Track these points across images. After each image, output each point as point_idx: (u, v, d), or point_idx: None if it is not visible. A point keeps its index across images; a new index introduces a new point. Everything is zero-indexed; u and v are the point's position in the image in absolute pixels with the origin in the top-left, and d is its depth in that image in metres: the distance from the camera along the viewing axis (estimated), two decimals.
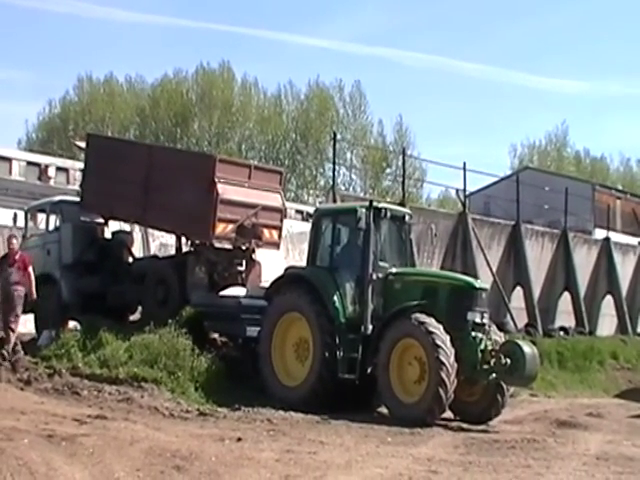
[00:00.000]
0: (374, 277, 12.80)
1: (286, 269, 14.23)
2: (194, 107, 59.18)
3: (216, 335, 14.91)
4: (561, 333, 22.83)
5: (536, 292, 23.16)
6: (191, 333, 13.78)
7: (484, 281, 15.32)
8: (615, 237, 29.52)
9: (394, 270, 13.21)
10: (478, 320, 12.38)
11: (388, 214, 13.37)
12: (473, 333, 12.30)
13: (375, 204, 13.29)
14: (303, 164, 58.97)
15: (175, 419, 11.13)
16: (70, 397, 12.07)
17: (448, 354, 11.68)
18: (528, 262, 23.01)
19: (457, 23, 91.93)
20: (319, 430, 10.86)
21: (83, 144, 19.32)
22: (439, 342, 11.70)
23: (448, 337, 11.81)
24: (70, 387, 12.39)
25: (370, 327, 12.61)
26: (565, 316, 24.52)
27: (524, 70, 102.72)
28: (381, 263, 13.13)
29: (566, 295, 24.80)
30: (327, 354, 12.64)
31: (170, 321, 13.89)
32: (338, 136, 45.59)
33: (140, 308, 16.49)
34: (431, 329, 11.80)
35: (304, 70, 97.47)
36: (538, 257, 23.94)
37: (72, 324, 16.52)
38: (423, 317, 12.00)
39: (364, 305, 12.73)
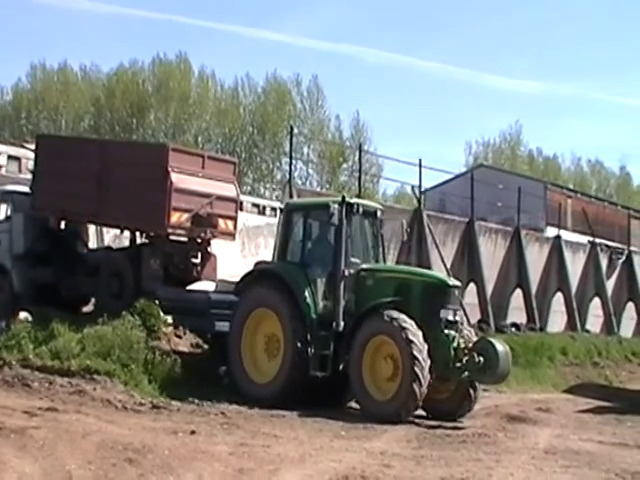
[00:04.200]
0: (346, 273, 12.69)
1: (256, 264, 14.15)
2: (150, 98, 58.52)
3: (170, 328, 14.79)
4: (513, 329, 23.14)
5: (489, 288, 23.44)
6: (145, 325, 13.68)
7: None
8: (566, 235, 30.01)
9: (366, 266, 13.11)
10: (451, 318, 12.34)
11: (360, 209, 13.25)
12: (446, 331, 12.25)
13: (347, 199, 13.16)
14: (260, 157, 58.74)
15: (128, 412, 11.05)
16: (20, 389, 11.89)
17: (421, 351, 11.62)
18: (481, 259, 23.28)
19: (415, 21, 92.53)
20: (273, 424, 10.87)
21: (32, 146, 18.99)
22: (412, 339, 11.63)
23: (421, 334, 11.76)
24: (20, 379, 12.20)
25: (342, 324, 12.51)
26: (517, 312, 24.86)
27: (480, 69, 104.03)
28: (353, 259, 13.03)
29: (518, 292, 25.14)
30: (298, 351, 12.51)
31: (124, 313, 13.78)
32: (295, 130, 45.61)
33: (94, 300, 16.31)
34: (404, 326, 11.74)
35: (262, 63, 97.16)
36: (491, 254, 24.23)
37: (23, 315, 16.25)
38: (396, 314, 11.93)
39: (336, 301, 12.62)
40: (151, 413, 11.11)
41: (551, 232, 32.65)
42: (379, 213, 13.81)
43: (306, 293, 12.77)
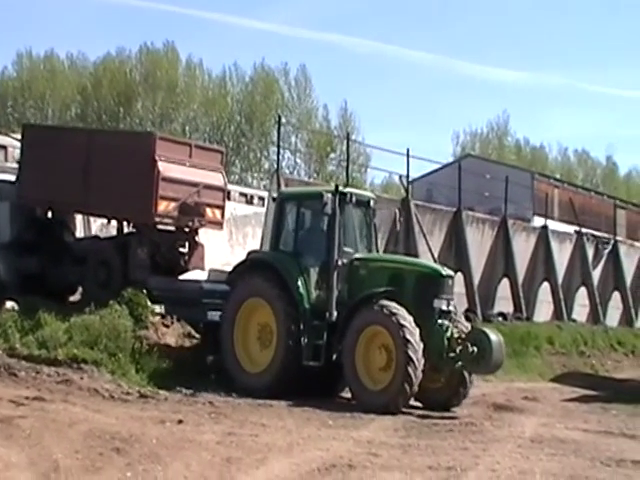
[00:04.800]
0: (339, 263, 12.64)
1: (248, 253, 14.11)
2: (137, 87, 58.26)
3: (158, 318, 14.76)
4: (500, 319, 23.18)
5: (476, 278, 23.48)
6: (132, 315, 13.66)
7: None
8: (553, 225, 30.07)
9: (359, 256, 13.07)
10: (444, 308, 12.30)
11: (353, 199, 13.19)
12: (440, 321, 12.21)
13: (341, 189, 13.09)
14: (247, 147, 58.63)
15: (115, 401, 11.03)
16: (7, 378, 11.81)
17: (415, 341, 11.58)
18: (469, 248, 23.29)
19: (403, 11, 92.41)
20: (261, 413, 10.88)
21: (18, 135, 18.85)
22: (406, 329, 11.58)
23: (415, 324, 11.69)
24: (7, 368, 12.11)
25: (335, 313, 12.46)
26: (504, 302, 24.91)
27: (467, 59, 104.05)
28: (346, 248, 12.97)
29: (505, 281, 25.20)
30: (291, 341, 12.46)
31: (111, 302, 13.74)
32: (283, 120, 45.36)
33: (81, 289, 16.26)
34: (398, 316, 11.69)
35: (249, 53, 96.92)
36: (478, 244, 24.26)
37: (10, 304, 16.19)
38: (390, 304, 11.88)
39: (329, 291, 12.57)
40: (138, 402, 11.10)
41: (538, 222, 32.78)
42: (372, 202, 13.73)
43: (299, 283, 12.71)
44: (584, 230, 29.81)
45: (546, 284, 26.75)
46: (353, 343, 12.07)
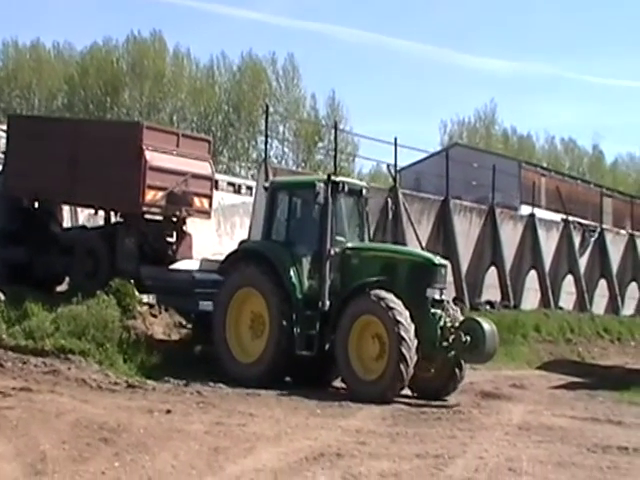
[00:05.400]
0: (332, 252, 12.58)
1: (240, 243, 14.05)
2: (125, 77, 57.87)
3: (145, 308, 14.72)
4: (487, 307, 23.25)
5: (464, 266, 23.53)
6: (120, 305, 13.62)
7: None
8: (540, 213, 30.14)
9: (351, 245, 13.02)
10: (437, 297, 12.29)
11: (346, 188, 13.11)
12: (432, 310, 12.20)
13: (333, 178, 13.02)
14: (235, 136, 58.40)
15: (103, 391, 11.01)
16: None
17: (408, 331, 11.56)
18: (456, 237, 23.34)
19: (390, 0, 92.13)
20: (249, 402, 10.89)
21: (4, 126, 18.72)
22: (399, 319, 11.57)
23: (408, 313, 11.68)
24: None
25: (328, 303, 12.42)
26: (492, 290, 25.00)
27: (455, 48, 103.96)
28: (338, 238, 12.92)
29: (492, 269, 25.27)
30: (283, 330, 12.41)
31: (99, 292, 13.69)
32: (271, 109, 45.34)
33: (68, 279, 16.20)
34: (391, 305, 11.67)
35: (237, 42, 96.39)
36: (466, 232, 24.30)
37: None
38: (383, 293, 11.86)
39: (321, 281, 12.52)
40: (126, 392, 11.08)
41: (525, 210, 32.85)
42: (364, 191, 13.69)
43: (291, 272, 12.66)
44: (571, 218, 29.92)
45: (533, 272, 26.84)
46: (346, 333, 12.05)
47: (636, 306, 32.24)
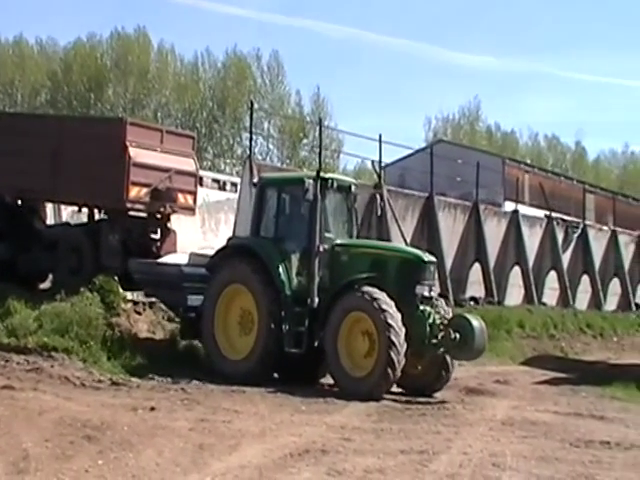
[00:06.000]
0: (321, 249, 12.53)
1: (229, 239, 13.99)
2: (109, 73, 57.56)
3: (129, 305, 14.65)
4: (471, 303, 23.34)
5: (448, 263, 23.59)
6: (104, 302, 13.56)
7: None
8: (523, 210, 30.25)
9: (340, 241, 12.97)
10: (426, 294, 12.27)
11: (335, 184, 13.08)
12: (422, 307, 12.18)
13: (322, 174, 12.98)
14: (220, 133, 58.26)
15: (87, 389, 10.97)
16: None
17: (398, 327, 11.54)
18: (441, 233, 23.39)
19: None
20: (234, 399, 10.87)
21: None
22: (388, 315, 11.54)
23: (397, 310, 11.65)
24: None
25: (317, 300, 12.37)
26: (476, 286, 25.07)
27: (439, 45, 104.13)
28: (327, 234, 12.87)
29: (477, 266, 25.35)
30: (272, 327, 12.35)
31: (82, 289, 13.63)
32: (255, 105, 45.21)
33: (52, 277, 16.12)
34: (380, 302, 11.64)
35: (222, 39, 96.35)
36: (450, 229, 24.35)
37: None
38: (372, 290, 11.83)
39: (310, 277, 12.47)
40: (110, 390, 11.04)
41: (509, 206, 32.98)
42: (353, 188, 13.66)
43: (280, 269, 12.60)
44: (554, 214, 30.05)
45: (517, 268, 26.95)
46: (335, 330, 12.01)
47: (618, 301, 32.45)
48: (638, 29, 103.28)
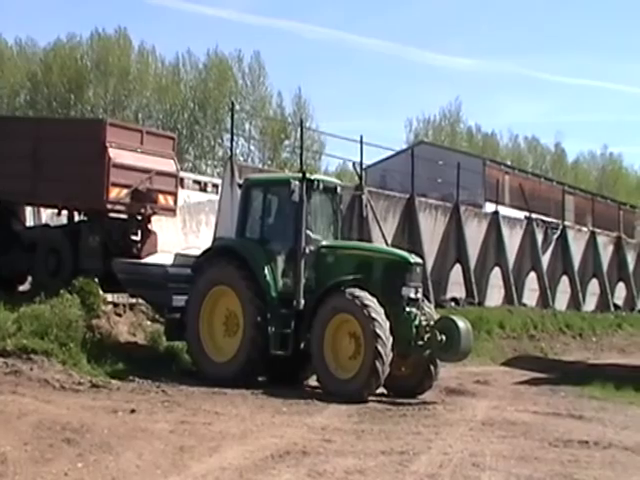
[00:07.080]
0: (306, 250, 12.49)
1: (214, 240, 13.92)
2: (89, 74, 57.22)
3: (110, 307, 14.57)
4: (452, 304, 23.44)
5: (429, 264, 23.65)
6: (84, 304, 13.48)
7: None
8: (503, 211, 30.42)
9: (326, 243, 12.94)
10: (413, 295, 12.26)
11: (320, 186, 13.04)
12: (408, 308, 12.18)
13: (308, 175, 12.95)
14: (201, 134, 58.11)
15: (66, 391, 10.90)
16: None
17: (384, 329, 11.53)
18: (422, 234, 23.46)
19: None
20: (214, 401, 10.85)
21: None
22: (374, 317, 11.52)
23: (383, 312, 11.64)
24: None
25: (302, 302, 12.34)
26: (456, 287, 25.18)
27: (420, 46, 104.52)
28: (313, 235, 12.82)
29: (457, 267, 25.46)
30: (258, 329, 12.30)
31: (62, 291, 13.55)
32: (237, 107, 45.12)
33: (30, 278, 16.01)
34: (366, 304, 11.62)
35: (203, 40, 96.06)
36: (431, 230, 24.44)
37: None
38: (358, 292, 11.81)
39: (296, 279, 12.43)
40: (90, 392, 10.99)
41: (489, 208, 33.11)
42: (339, 189, 13.64)
43: (266, 270, 12.55)
44: (534, 216, 30.24)
45: (497, 269, 27.10)
46: (321, 331, 11.98)
47: (597, 302, 32.70)
48: (617, 32, 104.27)
